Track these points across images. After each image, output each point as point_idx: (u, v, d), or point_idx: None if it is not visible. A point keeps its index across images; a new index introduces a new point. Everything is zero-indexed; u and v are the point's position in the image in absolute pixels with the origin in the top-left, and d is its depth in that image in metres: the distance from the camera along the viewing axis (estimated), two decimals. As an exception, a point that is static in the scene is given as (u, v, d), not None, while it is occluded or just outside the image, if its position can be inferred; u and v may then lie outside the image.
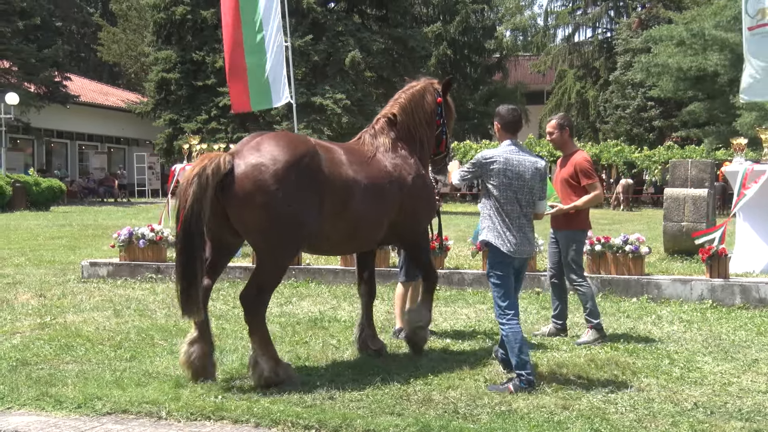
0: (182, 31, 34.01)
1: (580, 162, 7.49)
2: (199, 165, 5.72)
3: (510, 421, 5.11)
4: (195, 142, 13.42)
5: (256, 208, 5.69)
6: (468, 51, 48.21)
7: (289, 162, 5.76)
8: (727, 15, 25.42)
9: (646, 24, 41.67)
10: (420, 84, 7.16)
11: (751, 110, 24.38)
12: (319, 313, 8.83)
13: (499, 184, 5.98)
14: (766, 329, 8.02)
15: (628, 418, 5.19)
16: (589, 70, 51.36)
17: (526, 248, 6.08)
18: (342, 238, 6.37)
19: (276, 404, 5.40)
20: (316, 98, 31.09)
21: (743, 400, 5.60)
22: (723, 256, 9.46)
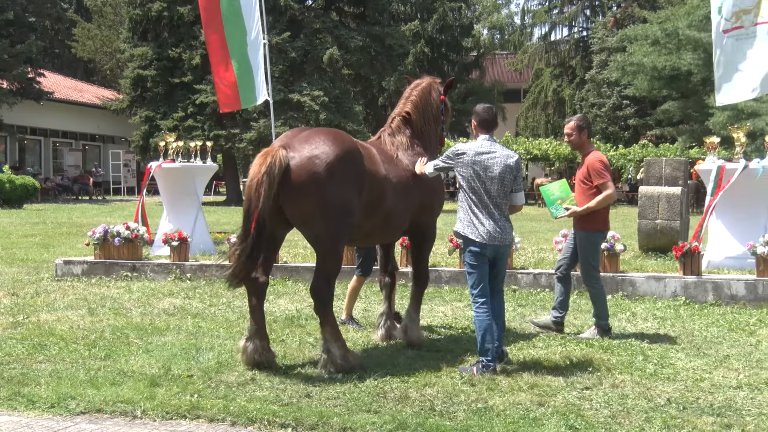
0: (158, 28, 33.77)
1: (592, 162, 7.46)
2: (263, 163, 5.97)
3: (486, 418, 5.13)
4: (171, 139, 13.33)
5: (312, 197, 6.01)
6: (445, 49, 48.28)
7: (339, 155, 6.09)
8: (700, 15, 25.67)
9: (622, 23, 41.97)
10: (425, 82, 7.42)
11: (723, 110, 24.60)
12: (296, 311, 8.82)
13: (468, 176, 6.32)
14: (738, 325, 8.12)
15: (603, 415, 5.24)
16: (565, 68, 51.67)
17: (497, 236, 6.30)
18: (372, 230, 6.72)
19: (252, 402, 5.39)
20: (294, 95, 31.01)
21: (715, 396, 5.67)
22: (696, 254, 9.57)
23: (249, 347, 6.28)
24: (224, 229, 17.79)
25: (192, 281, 10.91)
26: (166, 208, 13.26)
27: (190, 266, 11.27)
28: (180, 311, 8.83)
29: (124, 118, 37.41)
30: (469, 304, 9.15)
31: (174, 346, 7.04)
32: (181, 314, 8.65)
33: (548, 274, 10.17)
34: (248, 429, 5.03)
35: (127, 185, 42.12)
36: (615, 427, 5.00)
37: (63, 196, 36.80)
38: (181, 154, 13.24)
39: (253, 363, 6.26)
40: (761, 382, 6.01)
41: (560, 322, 7.79)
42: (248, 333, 6.36)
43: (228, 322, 8.23)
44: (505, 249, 6.47)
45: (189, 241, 11.51)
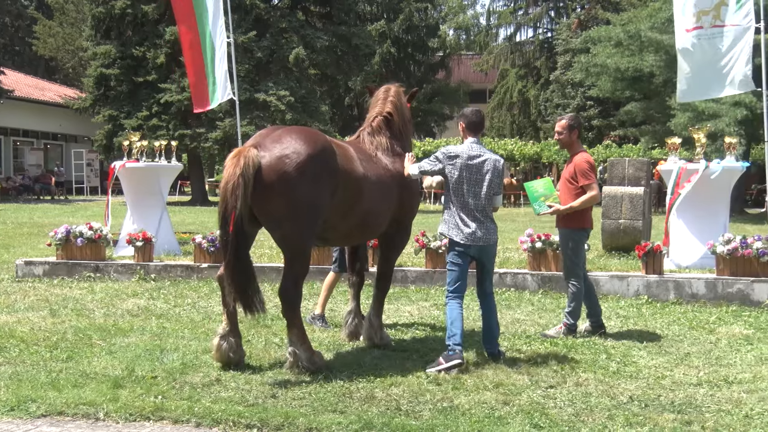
0: (122, 26, 33.38)
1: (579, 163, 7.49)
2: (236, 165, 5.93)
3: (451, 417, 5.16)
4: (136, 138, 13.21)
5: (281, 197, 5.98)
6: (411, 49, 48.36)
7: (310, 154, 6.06)
8: (662, 17, 25.98)
9: (585, 25, 42.37)
10: (395, 86, 7.48)
11: (685, 111, 24.95)
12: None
13: (458, 178, 6.49)
14: (698, 324, 8.26)
15: (567, 413, 5.30)
16: (530, 69, 52.04)
17: (482, 236, 6.51)
18: (349, 230, 6.71)
19: (217, 403, 5.36)
20: (260, 95, 30.86)
21: (676, 393, 5.75)
22: (658, 253, 9.70)
23: (223, 345, 6.24)
24: (189, 229, 17.66)
25: (156, 282, 10.81)
26: (130, 208, 13.13)
27: (154, 266, 11.17)
28: (144, 312, 8.74)
29: (87, 117, 36.91)
30: (434, 304, 9.21)
31: (138, 347, 6.97)
32: (145, 315, 8.57)
33: (513, 273, 10.26)
34: (213, 430, 5.00)
35: (90, 185, 41.57)
36: (579, 425, 5.05)
37: (24, 196, 36.23)
38: (145, 153, 13.12)
39: (226, 361, 6.24)
40: (720, 379, 6.12)
41: (599, 324, 7.78)
42: (222, 331, 6.30)
43: (193, 322, 8.17)
44: (490, 248, 6.66)
45: (153, 241, 11.42)
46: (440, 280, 10.34)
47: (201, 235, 11.37)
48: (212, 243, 10.95)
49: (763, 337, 7.65)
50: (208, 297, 9.69)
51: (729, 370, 6.38)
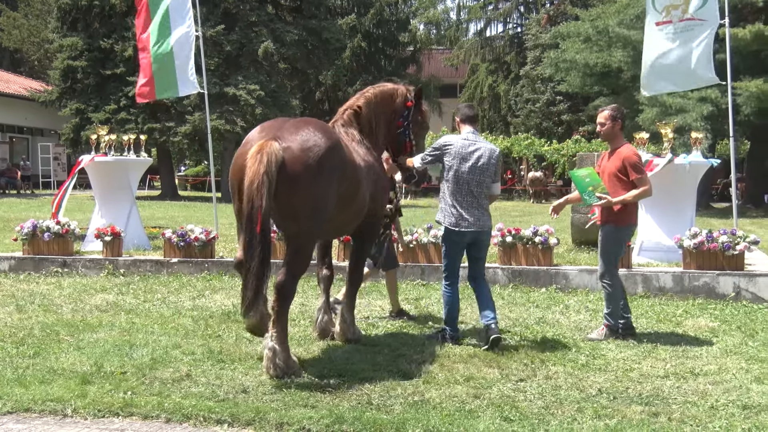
0: (89, 18, 32.96)
1: (629, 156, 7.18)
2: (259, 162, 5.60)
3: (423, 410, 5.18)
4: (103, 132, 13.07)
5: (306, 191, 5.79)
6: (382, 44, 48.28)
7: (330, 147, 5.95)
8: (630, 13, 26.21)
9: (555, 20, 42.60)
10: (391, 85, 7.43)
11: (652, 106, 25.20)
12: (232, 306, 8.74)
13: (453, 166, 6.73)
14: (665, 317, 8.36)
15: (537, 406, 5.34)
16: (500, 64, 52.23)
17: (476, 223, 6.74)
18: (343, 222, 6.59)
19: (187, 399, 5.34)
20: (230, 89, 30.65)
21: (643, 385, 5.83)
22: (627, 247, 9.79)
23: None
24: (159, 223, 17.52)
25: (126, 277, 10.72)
26: (98, 202, 13.00)
27: (123, 261, 11.07)
28: (113, 307, 8.67)
29: (54, 110, 36.37)
30: (405, 298, 9.23)
31: (106, 342, 6.91)
32: (114, 310, 8.50)
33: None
34: (183, 426, 4.98)
35: (57, 179, 40.95)
36: (548, 418, 5.10)
37: (-11, 190, 35.70)
38: (113, 147, 12.99)
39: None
40: (687, 371, 6.21)
41: (628, 326, 7.43)
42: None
43: (163, 318, 8.11)
44: (484, 236, 6.93)
45: (122, 236, 11.32)
46: (411, 275, 10.37)
47: (171, 230, 11.29)
48: (182, 238, 10.88)
49: (728, 330, 7.77)
50: (178, 292, 9.62)
51: (695, 362, 6.48)
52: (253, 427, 4.93)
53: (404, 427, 4.82)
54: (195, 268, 10.86)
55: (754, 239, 9.68)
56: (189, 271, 10.82)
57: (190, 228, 11.13)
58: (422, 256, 10.42)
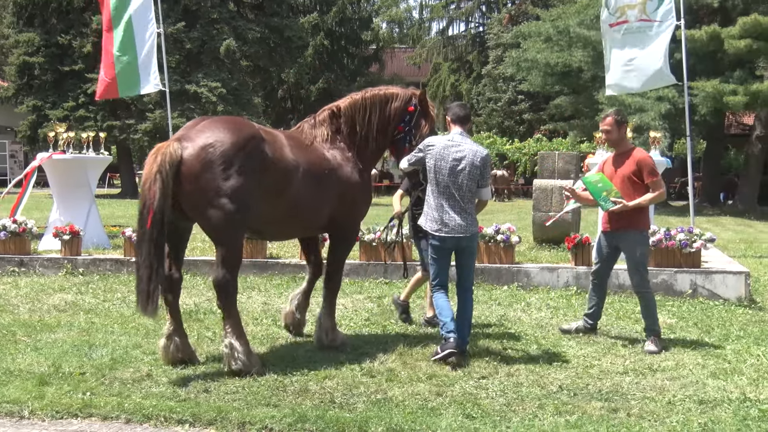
0: (46, 13, 32.45)
1: (645, 158, 7.00)
2: (154, 162, 5.83)
3: (385, 408, 5.19)
4: (62, 129, 12.88)
5: (206, 187, 5.88)
6: (345, 42, 48.23)
7: (235, 142, 5.98)
8: (590, 14, 26.54)
9: (516, 20, 42.93)
10: (392, 89, 7.24)
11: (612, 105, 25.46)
12: (194, 305, 8.68)
13: (434, 168, 6.43)
14: (625, 313, 8.48)
15: (498, 403, 5.38)
16: (462, 63, 52.50)
17: (457, 228, 6.40)
18: (282, 220, 6.55)
19: (148, 399, 5.29)
20: (191, 86, 30.41)
21: (603, 382, 5.90)
22: (587, 245, 9.91)
23: (170, 346, 6.15)
24: (119, 222, 17.31)
25: (85, 276, 10.58)
26: (56, 200, 12.81)
27: (82, 260, 10.92)
28: (72, 307, 8.55)
29: (10, 107, 35.73)
30: (368, 297, 9.26)
31: (65, 343, 6.82)
32: (72, 310, 8.38)
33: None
34: (144, 426, 4.93)
35: (14, 177, 40.28)
36: (510, 415, 5.14)
37: (-57, 189, 34.92)
38: (72, 145, 12.81)
39: (175, 361, 6.13)
40: (645, 367, 6.30)
41: (593, 328, 7.48)
42: (167, 331, 6.21)
43: (123, 317, 8.02)
44: (467, 241, 6.49)
45: (81, 234, 11.16)
46: (374, 273, 10.39)
47: (131, 229, 11.15)
48: (142, 236, 10.75)
49: (685, 326, 7.91)
50: (138, 291, 9.50)
51: (653, 359, 6.57)
52: (215, 427, 4.90)
53: (367, 426, 4.83)
54: (156, 267, 10.73)
55: (710, 237, 9.85)
56: (149, 270, 10.69)
57: (151, 227, 11.00)
58: (385, 255, 10.42)
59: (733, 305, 8.94)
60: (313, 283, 7.39)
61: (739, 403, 5.38)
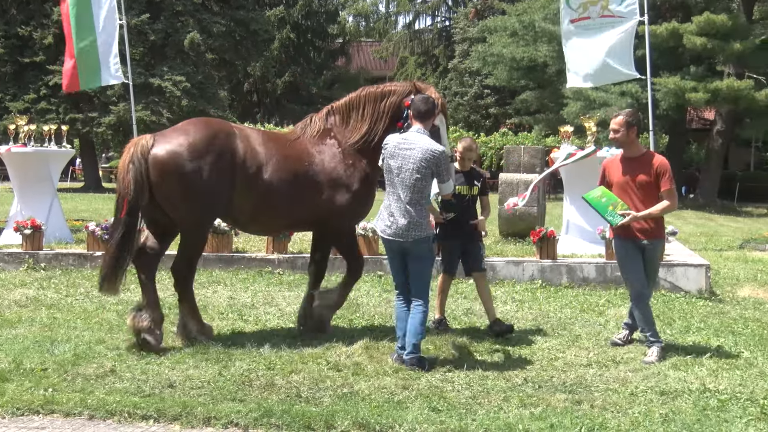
0: (5, 4, 31.90)
1: (664, 163, 6.56)
2: (128, 153, 6.35)
3: (352, 402, 5.20)
4: (23, 122, 12.67)
5: (173, 180, 6.30)
6: (311, 35, 48.09)
7: (204, 137, 6.41)
8: (554, 8, 26.71)
9: (482, 14, 43.08)
10: (389, 85, 7.20)
11: (576, 99, 25.80)
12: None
13: (386, 167, 6.24)
14: (589, 306, 8.57)
15: (464, 396, 5.42)
16: (429, 57, 52.54)
17: (399, 232, 6.09)
18: (256, 212, 6.76)
19: (112, 395, 5.24)
20: (155, 80, 30.09)
21: (567, 374, 5.96)
22: (552, 238, 9.99)
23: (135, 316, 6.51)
24: (82, 216, 17.09)
25: (47, 271, 10.43)
26: (17, 194, 12.61)
27: (44, 255, 10.77)
28: (33, 302, 8.43)
29: (-31, 100, 35.10)
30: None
31: (26, 338, 6.72)
32: (34, 305, 8.27)
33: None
34: (107, 422, 4.89)
35: (-26, 171, 39.61)
36: (475, 408, 5.17)
37: None
38: (33, 138, 12.61)
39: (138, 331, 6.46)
40: (608, 359, 6.38)
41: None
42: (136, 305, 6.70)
43: (86, 312, 7.93)
44: (411, 246, 6.10)
45: (43, 228, 11.00)
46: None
47: (95, 223, 11.03)
48: (106, 231, 10.63)
49: (648, 318, 8.00)
50: (102, 286, 9.40)
51: (616, 351, 6.65)
52: (180, 422, 4.88)
53: (333, 420, 4.83)
54: (119, 261, 10.62)
55: (672, 230, 10.00)
56: (113, 265, 10.57)
57: (115, 221, 10.89)
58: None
59: (694, 297, 9.08)
60: (314, 285, 7.31)
61: (699, 394, 5.47)
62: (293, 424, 4.81)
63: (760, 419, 4.99)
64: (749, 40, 24.87)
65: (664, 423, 4.89)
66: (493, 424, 4.81)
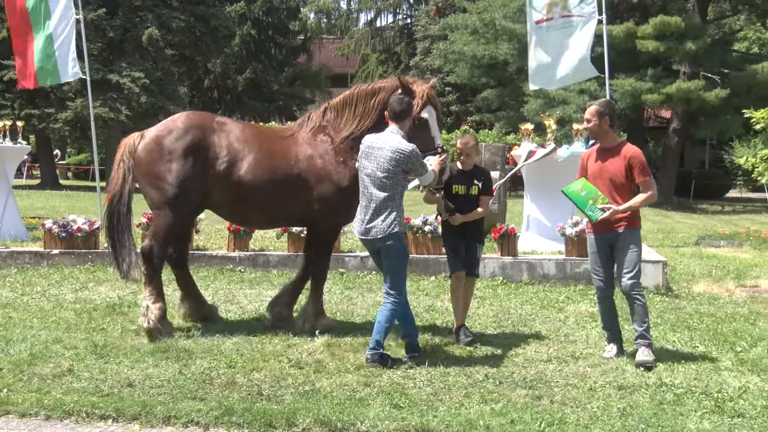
0: (-42, -2, 31.18)
1: (637, 155, 6.36)
2: (119, 151, 7.05)
3: (313, 400, 5.19)
4: (-24, 118, 12.41)
5: (147, 173, 6.88)
6: (272, 32, 47.77)
7: (179, 132, 6.86)
8: (514, 7, 26.94)
9: (443, 12, 43.21)
10: (380, 82, 7.21)
11: (536, 97, 26.02)
12: (117, 298, 8.51)
13: (361, 166, 6.30)
14: (549, 303, 8.66)
15: (426, 392, 5.44)
16: (390, 54, 52.56)
17: (366, 231, 6.17)
18: (233, 207, 7.11)
19: (69, 395, 5.17)
20: (113, 75, 29.67)
21: (528, 370, 6.02)
22: (512, 235, 10.07)
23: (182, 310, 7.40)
24: (39, 214, 16.82)
25: (2, 269, 10.24)
26: (-30, 192, 12.36)
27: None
28: (-12, 302, 8.27)
29: None
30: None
31: (-19, 339, 6.60)
32: (-11, 305, 8.11)
33: (374, 256, 10.36)
34: (64, 422, 4.82)
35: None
36: (437, 404, 5.20)
37: None
38: (-13, 134, 12.38)
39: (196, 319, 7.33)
40: (568, 355, 6.45)
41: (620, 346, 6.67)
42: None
43: (43, 311, 7.80)
44: (382, 243, 6.14)
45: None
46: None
47: (51, 220, 10.85)
48: (63, 228, 10.48)
49: (607, 314, 8.10)
50: (60, 284, 9.27)
51: (576, 347, 6.74)
52: (140, 422, 4.83)
53: (295, 417, 4.82)
54: (78, 259, 10.49)
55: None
56: (71, 263, 10.44)
57: (73, 218, 10.74)
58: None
59: (651, 293, 9.21)
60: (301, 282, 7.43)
61: (656, 388, 5.57)
62: (254, 423, 4.79)
63: (714, 412, 5.10)
64: (703, 39, 25.32)
65: (622, 417, 4.97)
66: (455, 420, 4.84)
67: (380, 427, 4.74)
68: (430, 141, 6.71)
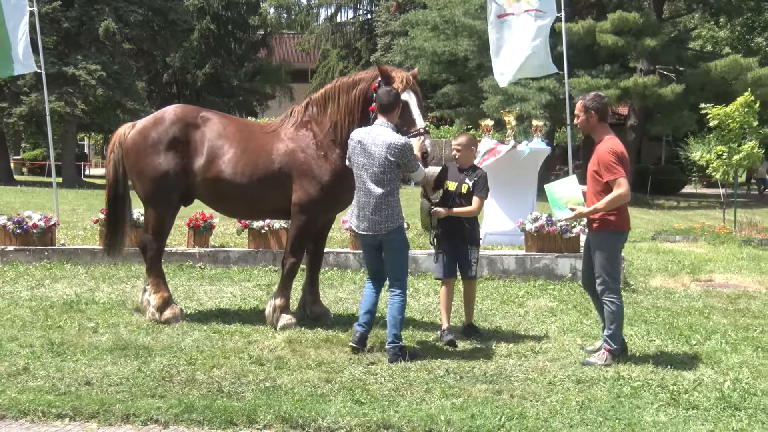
0: None
1: (602, 154, 6.15)
2: (111, 140, 7.50)
3: (274, 396, 5.18)
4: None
5: (133, 164, 7.26)
6: (232, 26, 47.43)
7: (167, 125, 7.16)
8: (475, 3, 27.09)
9: (404, 8, 43.27)
10: (360, 73, 7.20)
11: (496, 94, 26.16)
12: (75, 295, 8.38)
13: (352, 161, 6.31)
14: (509, 298, 8.73)
15: (387, 388, 5.45)
16: (351, 50, 52.52)
17: (367, 227, 6.24)
18: (215, 196, 7.27)
19: (24, 394, 5.08)
20: (69, 68, 29.19)
21: (488, 365, 6.07)
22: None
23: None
24: (-9, 210, 16.48)
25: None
26: None
27: (-49, 251, 10.35)
28: (-60, 300, 8.10)
29: None
30: (258, 284, 9.20)
31: (-67, 338, 6.45)
32: (-59, 303, 7.94)
33: (336, 252, 10.37)
34: (19, 422, 4.74)
35: None
36: (398, 399, 5.22)
37: None
38: (-61, 128, 12.10)
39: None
40: (528, 349, 6.52)
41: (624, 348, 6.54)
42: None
43: (-3, 310, 7.66)
44: (385, 238, 6.21)
45: (-50, 223, 10.57)
46: (263, 260, 10.30)
47: (6, 217, 10.65)
48: (18, 225, 10.30)
49: (565, 309, 8.21)
50: (15, 282, 9.11)
51: (535, 341, 6.80)
52: (98, 420, 4.77)
53: (255, 414, 4.80)
54: (33, 256, 10.31)
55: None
56: (26, 260, 10.26)
57: (28, 215, 10.55)
58: (274, 242, 10.36)
59: (610, 288, 9.33)
60: (314, 275, 7.62)
61: (614, 382, 5.65)
62: (215, 420, 4.76)
63: (669, 404, 5.19)
64: (659, 36, 25.75)
65: (581, 410, 5.03)
66: (416, 415, 4.85)
67: (342, 423, 4.74)
68: (411, 123, 6.67)
